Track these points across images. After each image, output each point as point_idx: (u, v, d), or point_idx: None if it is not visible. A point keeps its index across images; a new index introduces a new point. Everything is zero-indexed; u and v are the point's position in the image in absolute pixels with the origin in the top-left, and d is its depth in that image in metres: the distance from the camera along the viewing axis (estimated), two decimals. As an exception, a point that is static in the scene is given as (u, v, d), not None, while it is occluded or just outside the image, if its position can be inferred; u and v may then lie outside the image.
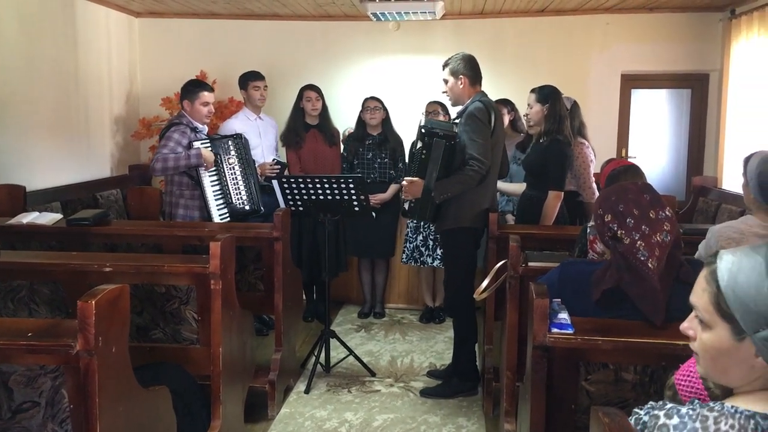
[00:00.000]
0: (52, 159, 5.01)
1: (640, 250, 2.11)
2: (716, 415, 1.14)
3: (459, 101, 3.84)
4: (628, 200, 2.15)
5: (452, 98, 3.87)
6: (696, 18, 6.03)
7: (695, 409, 1.17)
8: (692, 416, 1.16)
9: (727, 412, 1.14)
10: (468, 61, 3.79)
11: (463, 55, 3.82)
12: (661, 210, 2.15)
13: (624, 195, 2.18)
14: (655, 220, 2.12)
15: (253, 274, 3.88)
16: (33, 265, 2.99)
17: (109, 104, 5.89)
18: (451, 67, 3.79)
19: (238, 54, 6.22)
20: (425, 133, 3.67)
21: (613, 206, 2.17)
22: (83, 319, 1.87)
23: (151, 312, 3.02)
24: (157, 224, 4.35)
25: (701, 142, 6.31)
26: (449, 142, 3.62)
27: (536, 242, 3.75)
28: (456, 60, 3.79)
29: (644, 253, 2.10)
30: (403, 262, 5.25)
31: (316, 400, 3.84)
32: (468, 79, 3.76)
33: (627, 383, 2.13)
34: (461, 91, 3.78)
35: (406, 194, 3.78)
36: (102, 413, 1.92)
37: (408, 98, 6.10)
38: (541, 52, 6.15)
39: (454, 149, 3.63)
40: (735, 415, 1.13)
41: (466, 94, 3.78)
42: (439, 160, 3.61)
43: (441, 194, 3.63)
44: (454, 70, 3.77)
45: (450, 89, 3.82)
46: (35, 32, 4.80)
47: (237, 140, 4.47)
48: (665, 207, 2.16)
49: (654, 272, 2.09)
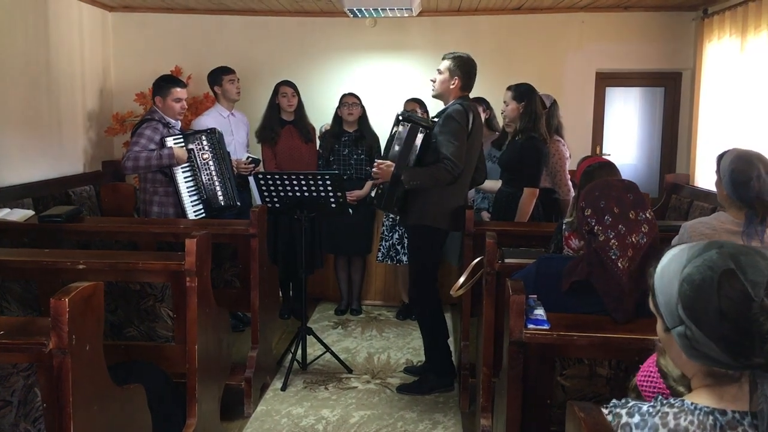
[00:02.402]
0: (23, 154, 4.93)
1: (612, 249, 2.14)
2: (676, 411, 1.17)
3: (442, 97, 3.82)
4: (611, 197, 2.18)
5: (436, 90, 3.83)
6: (669, 17, 6.10)
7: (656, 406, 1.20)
8: (652, 413, 1.18)
9: (686, 408, 1.17)
10: (469, 66, 3.75)
11: (467, 59, 3.76)
12: (642, 211, 2.17)
13: (608, 192, 2.20)
14: (634, 221, 2.15)
15: (229, 271, 3.85)
16: (4, 263, 2.93)
17: (81, 99, 5.81)
18: (451, 64, 3.74)
19: (213, 49, 6.17)
20: (402, 119, 3.69)
21: (594, 201, 2.19)
22: (56, 317, 1.85)
23: (126, 310, 2.98)
24: (131, 221, 4.31)
25: (674, 140, 6.40)
26: (424, 131, 3.63)
27: (512, 239, 3.77)
28: (459, 60, 3.74)
29: (616, 252, 2.13)
30: (378, 260, 5.25)
31: (293, 398, 3.83)
32: (461, 83, 3.74)
33: (602, 378, 2.16)
34: (449, 90, 3.76)
35: (376, 175, 3.77)
36: (76, 412, 1.90)
37: (384, 95, 6.11)
38: (517, 49, 6.19)
39: (428, 139, 3.63)
40: (695, 412, 1.16)
41: (452, 94, 3.76)
42: (412, 145, 3.62)
43: (410, 180, 3.61)
44: (452, 69, 3.73)
45: (440, 82, 3.79)
46: (5, 26, 4.71)
47: (210, 135, 4.42)
48: (647, 209, 2.19)
49: (623, 272, 2.12)
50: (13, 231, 3.65)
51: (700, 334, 1.15)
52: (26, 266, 2.92)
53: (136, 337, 3.01)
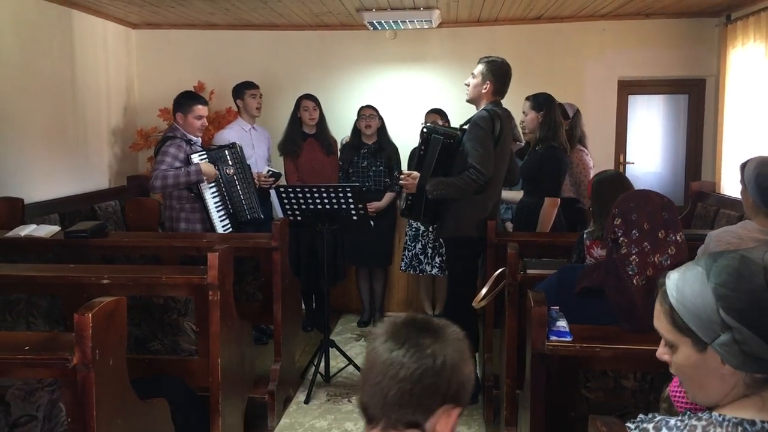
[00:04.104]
0: (49, 171, 5.01)
1: (631, 264, 2.11)
2: (704, 424, 1.15)
3: (474, 101, 3.82)
4: (644, 212, 2.14)
5: (469, 95, 3.83)
6: (692, 24, 6.04)
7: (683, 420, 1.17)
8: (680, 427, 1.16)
9: (715, 421, 1.15)
10: (502, 71, 3.74)
11: (501, 64, 3.75)
12: (674, 233, 2.13)
13: (643, 206, 2.16)
14: (662, 241, 2.11)
15: (252, 284, 3.87)
16: (31, 278, 2.98)
17: (106, 116, 5.90)
18: (484, 69, 3.74)
19: (235, 64, 6.23)
20: (426, 131, 3.72)
21: (627, 212, 2.16)
22: (80, 332, 1.87)
23: (150, 324, 3.01)
24: (155, 235, 4.34)
25: (699, 148, 6.31)
26: (447, 140, 3.63)
27: (534, 249, 3.75)
28: (492, 65, 3.73)
29: (634, 268, 2.11)
30: (402, 269, 5.25)
31: (316, 410, 3.83)
32: (492, 88, 3.73)
33: (626, 390, 2.12)
34: (481, 94, 3.76)
35: (403, 186, 3.80)
36: (100, 426, 1.91)
37: (405, 106, 6.12)
38: (538, 59, 6.16)
39: (451, 148, 3.63)
40: (723, 423, 1.14)
41: (484, 99, 3.76)
42: (436, 156, 3.63)
43: (434, 190, 3.61)
44: (484, 74, 3.72)
45: (473, 86, 3.79)
46: (32, 44, 4.81)
47: (233, 149, 4.46)
48: (679, 231, 2.14)
49: (637, 289, 2.10)
50: (39, 247, 3.71)
51: (749, 333, 1.11)
52: (52, 281, 2.96)
53: (160, 351, 3.03)
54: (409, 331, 1.23)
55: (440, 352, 1.20)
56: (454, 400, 1.21)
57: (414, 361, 1.18)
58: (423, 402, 1.19)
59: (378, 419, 1.22)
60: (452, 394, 1.20)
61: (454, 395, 1.21)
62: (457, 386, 1.21)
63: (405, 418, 1.20)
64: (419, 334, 1.22)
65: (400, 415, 1.20)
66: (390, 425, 1.21)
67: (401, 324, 1.24)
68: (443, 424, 1.21)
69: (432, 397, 1.19)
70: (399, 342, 1.21)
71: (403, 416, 1.20)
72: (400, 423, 1.20)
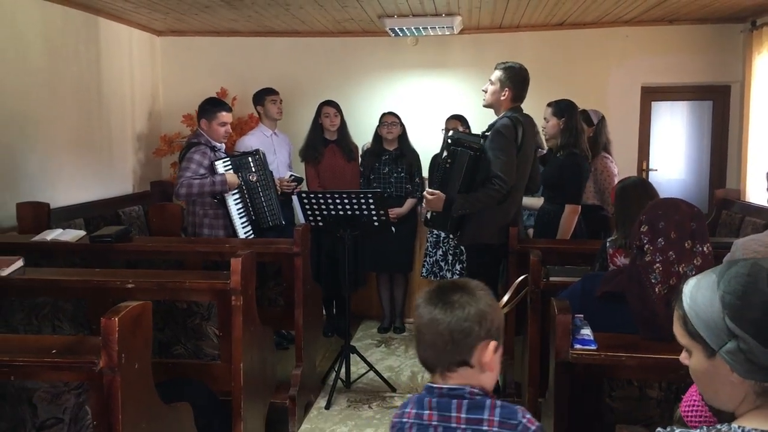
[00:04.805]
0: (75, 176, 5.08)
1: (654, 272, 2.09)
2: None
3: (492, 107, 3.79)
4: (672, 221, 2.11)
5: (487, 101, 3.79)
6: (716, 29, 5.99)
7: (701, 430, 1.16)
8: None
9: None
10: (521, 77, 3.70)
11: (519, 70, 3.71)
12: (701, 244, 2.10)
13: (672, 214, 2.13)
14: (688, 251, 2.08)
15: (274, 290, 3.89)
16: (56, 282, 3.02)
17: (131, 122, 5.97)
18: (502, 75, 3.69)
19: (257, 71, 6.28)
20: (451, 142, 3.65)
21: (655, 219, 2.14)
22: (106, 336, 1.89)
23: (173, 328, 3.03)
24: (178, 240, 4.38)
25: (723, 155, 6.24)
26: (474, 154, 3.59)
27: (556, 256, 3.73)
28: (510, 71, 3.69)
29: (657, 276, 2.08)
30: (422, 276, 5.24)
31: (337, 416, 3.83)
32: (511, 95, 3.69)
33: (652, 400, 2.10)
34: (500, 101, 3.72)
35: (427, 206, 3.78)
36: (125, 430, 1.93)
37: (426, 113, 6.13)
38: (560, 65, 6.14)
39: (478, 161, 3.60)
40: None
41: (503, 106, 3.72)
42: (462, 171, 3.58)
43: (459, 209, 3.61)
44: (503, 80, 3.68)
45: (490, 93, 3.75)
46: (59, 52, 4.88)
47: (256, 156, 4.49)
48: (706, 243, 2.11)
49: (659, 297, 2.07)
50: (65, 251, 3.75)
51: (755, 343, 1.11)
52: (77, 285, 2.99)
53: (183, 355, 3.05)
54: (440, 293, 1.53)
55: (467, 302, 1.49)
56: (488, 337, 1.49)
57: (447, 315, 1.48)
58: (462, 344, 1.48)
59: (436, 366, 1.53)
60: (484, 333, 1.48)
61: (486, 334, 1.48)
62: (488, 326, 1.49)
63: (454, 360, 1.50)
64: (448, 293, 1.52)
65: (449, 358, 1.50)
66: (445, 368, 1.51)
67: (434, 290, 1.56)
68: (483, 355, 1.49)
69: (468, 338, 1.48)
70: (434, 303, 1.52)
71: (452, 358, 1.50)
72: (452, 364, 1.50)
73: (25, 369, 1.95)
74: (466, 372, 1.50)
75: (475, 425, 1.48)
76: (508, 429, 1.47)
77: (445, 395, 1.51)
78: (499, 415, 1.48)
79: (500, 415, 1.48)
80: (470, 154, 3.58)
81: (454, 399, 1.50)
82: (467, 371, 1.50)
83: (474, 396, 1.49)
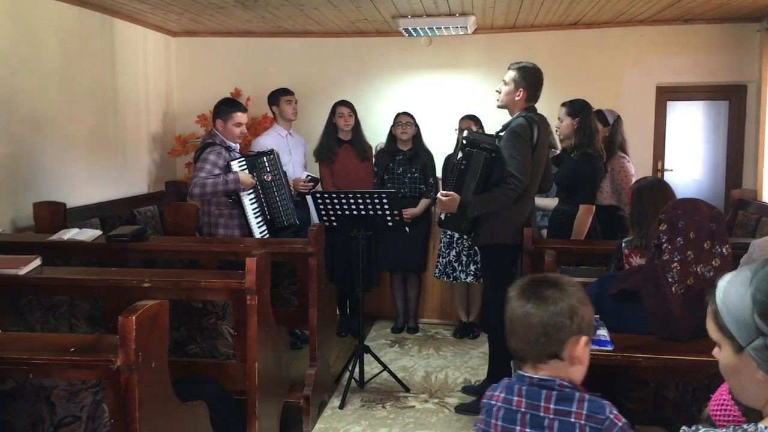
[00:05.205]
0: (90, 176, 5.12)
1: (672, 272, 2.08)
2: None
3: (507, 107, 3.78)
4: (692, 221, 2.10)
5: (501, 101, 3.78)
6: (732, 29, 5.95)
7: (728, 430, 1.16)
8: None
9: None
10: (535, 78, 3.69)
11: (533, 70, 3.70)
12: (720, 245, 2.09)
13: (692, 214, 2.12)
14: (707, 252, 2.07)
15: (288, 290, 3.90)
16: (73, 281, 3.04)
17: (146, 122, 6.01)
18: (516, 75, 3.69)
19: (271, 71, 6.30)
20: (467, 143, 3.63)
21: (674, 218, 2.13)
22: (124, 335, 1.90)
23: (188, 327, 3.05)
24: (194, 240, 4.40)
25: (740, 155, 6.20)
26: (490, 155, 3.58)
27: (571, 257, 3.72)
28: (524, 71, 3.68)
29: (674, 276, 2.07)
30: (435, 276, 5.24)
31: (351, 416, 3.83)
32: (526, 95, 3.68)
33: (668, 401, 2.09)
34: (514, 101, 3.71)
35: (441, 208, 3.77)
36: (142, 427, 1.94)
37: (439, 113, 6.12)
38: (574, 65, 6.12)
39: (494, 162, 3.59)
40: None
41: (517, 106, 3.72)
42: (478, 173, 3.57)
43: (475, 210, 3.60)
44: (517, 81, 3.68)
45: (505, 93, 3.74)
46: (75, 53, 4.92)
47: (270, 156, 4.50)
48: (726, 244, 2.10)
49: (675, 297, 2.06)
50: (82, 250, 3.78)
51: None
52: (94, 284, 3.01)
53: (199, 354, 3.07)
54: (533, 287, 1.60)
55: (560, 298, 1.56)
56: (579, 332, 1.56)
57: (540, 310, 1.56)
58: (554, 338, 1.55)
59: (527, 358, 1.61)
60: (575, 328, 1.55)
61: (577, 329, 1.56)
62: (579, 321, 1.56)
63: (545, 352, 1.57)
64: (541, 287, 1.59)
65: (541, 350, 1.57)
66: (537, 360, 1.59)
67: (526, 283, 1.63)
68: (574, 349, 1.56)
69: (560, 333, 1.55)
70: (526, 297, 1.59)
71: (543, 351, 1.57)
72: (543, 356, 1.58)
73: (43, 367, 1.97)
74: (557, 364, 1.58)
75: (563, 416, 1.54)
76: (594, 423, 1.52)
77: (535, 385, 1.59)
78: (587, 408, 1.53)
79: (588, 408, 1.53)
80: (486, 155, 3.56)
81: (543, 389, 1.57)
82: (558, 364, 1.58)
83: (563, 388, 1.56)
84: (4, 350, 2.00)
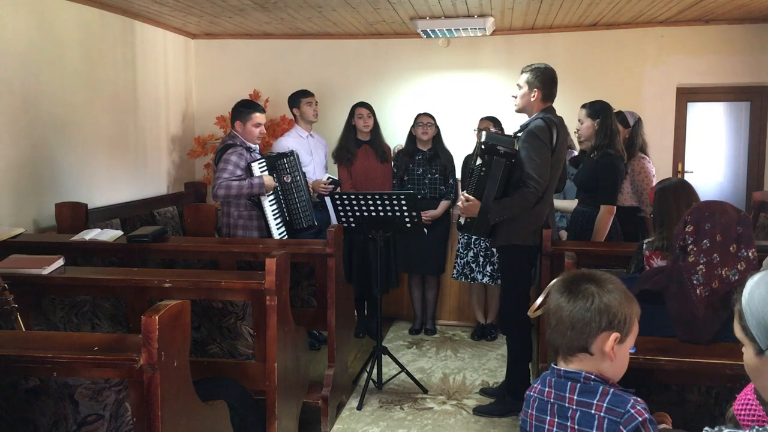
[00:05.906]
0: (111, 177, 5.17)
1: (697, 274, 2.06)
2: None
3: (524, 110, 3.78)
4: (718, 224, 2.09)
5: (518, 105, 3.79)
6: (754, 29, 5.88)
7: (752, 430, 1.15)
8: None
9: None
10: (548, 77, 3.69)
11: (545, 69, 3.70)
12: (746, 249, 2.07)
13: (719, 216, 2.11)
14: (732, 256, 2.06)
15: (306, 290, 3.91)
16: (96, 281, 3.07)
17: (165, 123, 6.05)
18: (529, 77, 3.69)
19: (290, 73, 6.33)
20: (485, 149, 3.60)
21: (700, 220, 2.11)
22: (147, 334, 1.91)
23: (209, 327, 3.07)
24: (213, 241, 4.42)
25: (761, 156, 6.13)
26: (509, 161, 3.57)
27: (591, 259, 3.69)
28: (537, 72, 3.68)
29: (699, 278, 2.06)
30: (453, 277, 5.23)
31: (369, 417, 3.84)
32: (541, 95, 3.68)
33: (691, 404, 2.07)
34: (530, 103, 3.71)
35: (462, 212, 3.77)
36: (164, 426, 1.95)
37: (458, 114, 6.12)
38: (593, 66, 6.09)
39: (513, 168, 3.59)
40: None
41: (534, 107, 3.71)
42: (498, 180, 3.56)
43: (497, 216, 3.60)
44: (531, 82, 3.68)
45: (520, 96, 3.74)
46: (96, 55, 4.97)
47: (290, 158, 4.52)
48: (752, 248, 2.08)
49: (699, 299, 2.05)
50: (103, 251, 3.82)
51: None
52: (116, 284, 3.04)
53: (219, 354, 3.09)
54: (572, 282, 1.65)
55: (594, 294, 1.59)
56: (609, 329, 1.59)
57: (570, 304, 1.61)
58: (581, 332, 1.59)
59: (559, 350, 1.66)
60: (605, 324, 1.58)
61: (607, 325, 1.58)
62: (611, 318, 1.58)
63: (573, 345, 1.62)
64: (579, 282, 1.63)
65: (568, 343, 1.62)
66: (567, 352, 1.65)
67: (567, 278, 1.69)
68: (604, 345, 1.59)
69: (586, 327, 1.59)
70: (561, 291, 1.65)
71: (571, 344, 1.62)
72: (572, 349, 1.63)
73: (68, 365, 1.99)
74: (586, 358, 1.62)
75: (584, 408, 1.59)
76: (613, 416, 1.54)
77: (562, 376, 1.64)
78: (608, 401, 1.56)
79: (609, 402, 1.56)
80: (505, 162, 3.55)
81: (569, 381, 1.63)
82: (587, 357, 1.62)
83: (588, 381, 1.60)
84: (29, 349, 2.02)
